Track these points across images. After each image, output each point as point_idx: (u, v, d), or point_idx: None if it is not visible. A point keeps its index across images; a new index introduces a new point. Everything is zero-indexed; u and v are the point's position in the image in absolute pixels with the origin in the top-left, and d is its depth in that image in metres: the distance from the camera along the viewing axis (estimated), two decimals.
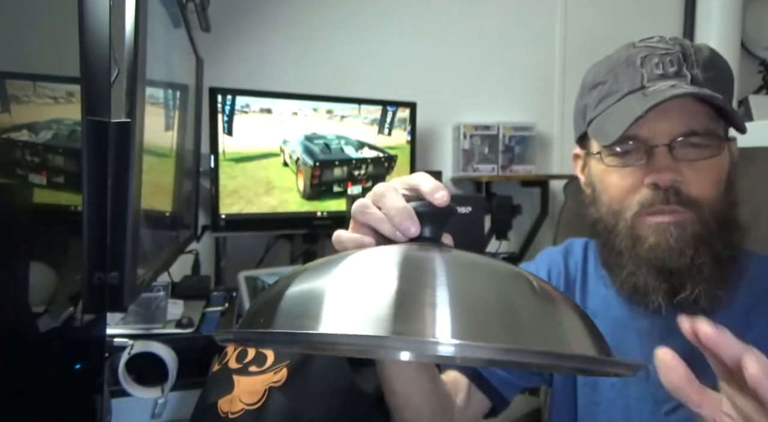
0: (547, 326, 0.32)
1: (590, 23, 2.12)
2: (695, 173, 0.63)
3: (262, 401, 0.91)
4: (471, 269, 0.36)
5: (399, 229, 0.42)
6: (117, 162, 0.58)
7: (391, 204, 0.43)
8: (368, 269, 0.34)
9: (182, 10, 1.14)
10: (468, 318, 0.30)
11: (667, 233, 0.63)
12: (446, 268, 0.33)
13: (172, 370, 1.07)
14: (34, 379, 0.61)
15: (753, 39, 2.31)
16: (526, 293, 0.35)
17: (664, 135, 0.63)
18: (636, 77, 0.65)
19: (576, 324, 0.35)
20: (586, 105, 0.71)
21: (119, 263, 0.58)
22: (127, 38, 0.61)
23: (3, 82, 0.53)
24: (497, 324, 0.31)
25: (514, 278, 0.36)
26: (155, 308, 1.19)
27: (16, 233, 0.56)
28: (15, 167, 0.57)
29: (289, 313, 0.33)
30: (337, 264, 0.35)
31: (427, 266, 0.33)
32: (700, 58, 0.65)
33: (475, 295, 0.32)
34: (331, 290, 0.32)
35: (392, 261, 0.34)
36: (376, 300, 0.30)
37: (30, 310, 0.59)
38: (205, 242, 1.68)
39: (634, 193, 0.65)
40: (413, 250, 0.38)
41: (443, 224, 0.43)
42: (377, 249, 0.40)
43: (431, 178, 0.44)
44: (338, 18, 1.89)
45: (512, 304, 0.33)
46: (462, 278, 0.33)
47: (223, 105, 1.53)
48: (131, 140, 0.59)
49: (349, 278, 0.34)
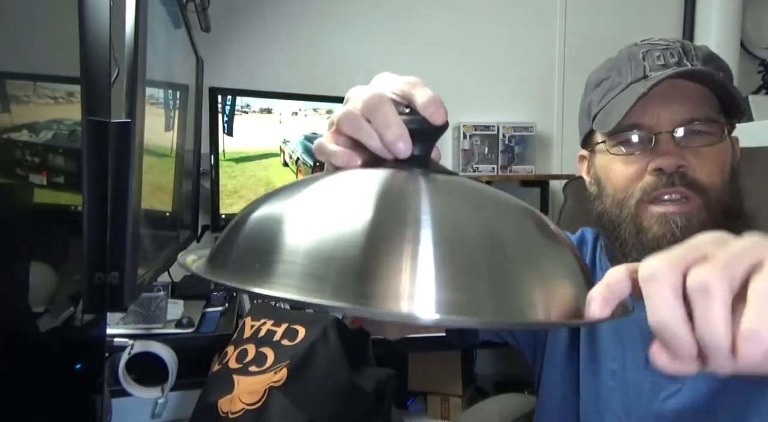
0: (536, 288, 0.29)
1: (590, 23, 2.11)
2: (699, 159, 0.63)
3: (262, 401, 0.91)
4: (460, 208, 0.32)
5: (389, 148, 0.37)
6: (117, 162, 0.58)
7: (383, 119, 0.38)
8: (341, 206, 0.31)
9: (182, 10, 1.14)
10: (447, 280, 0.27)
11: (672, 224, 0.63)
12: (431, 209, 0.29)
13: (172, 370, 1.07)
14: (34, 379, 0.61)
15: (753, 39, 2.31)
16: (522, 241, 0.31)
17: (666, 122, 0.64)
18: (638, 69, 0.66)
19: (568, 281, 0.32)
20: (591, 102, 0.72)
21: (119, 263, 0.58)
22: (127, 38, 0.61)
23: (3, 82, 0.53)
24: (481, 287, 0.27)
25: (512, 218, 0.33)
26: (155, 308, 1.19)
27: (16, 233, 0.56)
28: (15, 167, 0.57)
29: (253, 249, 0.30)
30: (309, 195, 0.32)
31: (410, 213, 0.29)
32: (700, 54, 0.66)
33: (458, 251, 0.28)
34: (295, 232, 0.29)
35: (373, 197, 0.30)
36: (343, 251, 0.27)
37: (30, 310, 0.59)
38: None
39: (638, 180, 0.65)
40: (400, 180, 0.34)
41: (435, 141, 0.39)
42: (359, 176, 0.36)
43: (426, 88, 0.39)
44: (338, 18, 1.89)
45: (502, 256, 0.29)
46: (447, 226, 0.29)
47: (223, 105, 1.53)
48: (131, 140, 0.59)
49: (317, 218, 0.30)
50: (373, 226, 0.28)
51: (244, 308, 1.44)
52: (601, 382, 0.73)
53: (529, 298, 0.29)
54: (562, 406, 0.78)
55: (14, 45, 0.55)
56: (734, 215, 0.65)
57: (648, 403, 0.68)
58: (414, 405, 1.75)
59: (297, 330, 1.02)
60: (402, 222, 0.28)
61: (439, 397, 1.72)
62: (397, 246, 0.27)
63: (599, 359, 0.74)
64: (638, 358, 0.70)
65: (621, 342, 0.72)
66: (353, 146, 0.40)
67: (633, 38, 0.71)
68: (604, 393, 0.73)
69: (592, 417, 0.74)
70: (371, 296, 0.26)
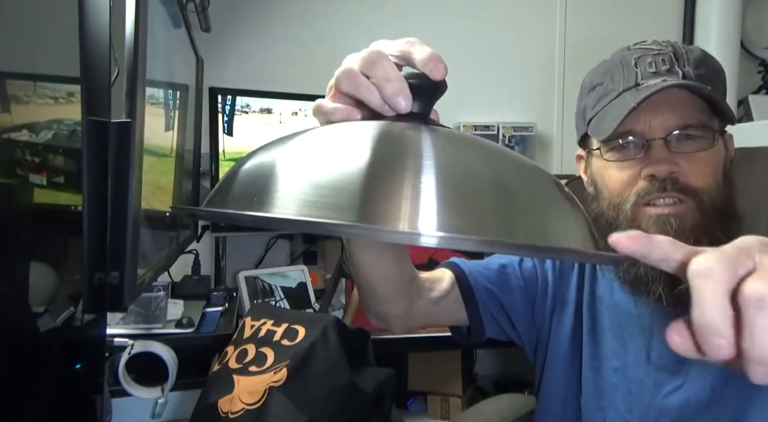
0: (537, 216, 0.29)
1: (590, 23, 2.11)
2: (691, 164, 0.65)
3: (262, 401, 0.91)
4: (462, 150, 0.32)
5: (389, 102, 0.37)
6: (117, 162, 0.58)
7: (382, 74, 0.37)
8: (340, 144, 0.31)
9: (182, 10, 1.14)
10: (448, 202, 0.26)
11: (667, 225, 0.64)
12: (433, 148, 0.29)
13: (172, 370, 1.07)
14: (34, 379, 0.61)
15: (753, 39, 2.31)
16: (519, 180, 0.31)
17: (659, 129, 0.65)
18: (631, 76, 0.67)
19: (566, 216, 0.32)
20: (585, 106, 0.74)
21: (119, 263, 0.58)
22: (127, 38, 0.61)
23: (3, 82, 0.53)
24: (485, 213, 0.27)
25: (510, 163, 0.33)
26: (155, 308, 1.19)
27: (16, 233, 0.56)
28: (15, 167, 0.57)
29: (250, 185, 0.30)
30: (306, 138, 0.32)
31: (411, 146, 0.29)
32: (692, 57, 0.67)
33: (461, 179, 0.28)
34: (293, 167, 0.29)
35: (373, 137, 0.31)
36: (343, 178, 0.27)
37: (30, 310, 0.59)
38: (205, 242, 1.67)
39: (632, 185, 0.67)
40: (400, 127, 0.34)
41: (434, 99, 0.39)
42: (359, 123, 0.36)
43: (425, 46, 0.39)
44: (338, 18, 1.89)
45: (501, 190, 0.29)
46: (449, 160, 0.29)
47: (223, 105, 1.53)
48: (131, 140, 0.59)
49: (315, 154, 0.30)
50: (374, 157, 0.28)
51: (244, 309, 1.44)
52: (603, 379, 0.74)
53: (534, 225, 0.29)
54: (564, 403, 0.78)
55: (14, 45, 0.55)
56: (727, 215, 0.67)
57: (650, 399, 0.69)
58: (414, 405, 1.75)
59: (297, 330, 1.02)
60: (403, 154, 0.29)
61: (439, 397, 1.72)
62: (399, 173, 0.27)
63: (601, 356, 0.74)
64: (640, 355, 0.70)
65: (623, 340, 0.73)
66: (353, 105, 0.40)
67: (633, 38, 0.71)
68: (607, 389, 0.73)
69: (594, 413, 0.74)
70: (372, 218, 0.26)
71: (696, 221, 0.64)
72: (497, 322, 0.82)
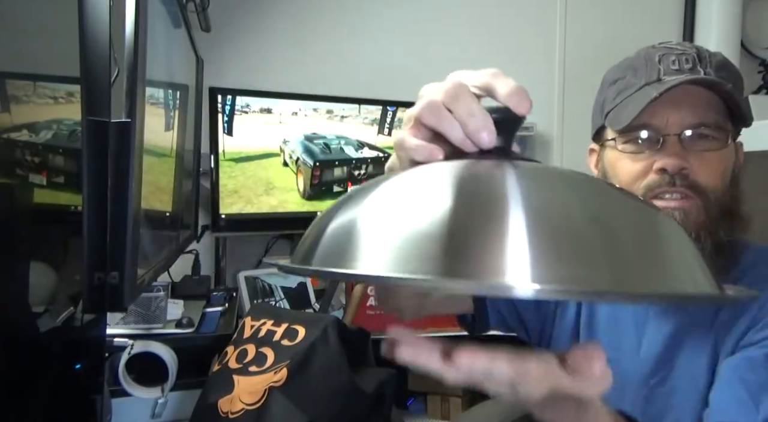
0: (652, 258, 0.27)
1: (590, 24, 2.11)
2: (702, 163, 0.66)
3: (262, 401, 0.91)
4: (554, 187, 0.30)
5: (472, 138, 0.36)
6: (117, 162, 0.58)
7: (466, 109, 0.37)
8: (425, 191, 0.30)
9: (182, 10, 1.14)
10: (546, 249, 0.25)
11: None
12: (526, 190, 0.27)
13: (172, 370, 1.07)
14: (34, 379, 0.61)
15: (753, 39, 2.31)
16: (625, 218, 0.29)
17: (675, 125, 0.66)
18: (653, 72, 0.69)
19: (682, 254, 0.29)
20: (605, 99, 0.75)
21: (119, 263, 0.58)
22: (127, 38, 0.61)
23: (3, 82, 0.53)
24: (592, 258, 0.25)
25: (609, 198, 0.31)
26: (155, 308, 1.19)
27: (16, 233, 0.56)
28: (15, 167, 0.57)
29: (335, 244, 0.29)
30: (391, 186, 0.31)
31: (501, 190, 0.28)
32: (714, 60, 0.69)
33: (558, 222, 0.26)
34: (380, 218, 0.28)
35: (459, 183, 0.29)
36: (431, 229, 0.26)
37: (30, 310, 0.59)
38: (205, 242, 1.67)
39: (643, 178, 0.68)
40: (485, 167, 0.32)
41: (515, 133, 0.37)
42: (442, 166, 0.34)
43: (509, 78, 0.38)
44: (338, 18, 1.89)
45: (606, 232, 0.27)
46: (542, 200, 0.27)
47: (223, 105, 1.53)
48: (131, 140, 0.59)
49: (402, 204, 0.29)
50: (460, 204, 0.27)
51: (244, 309, 1.44)
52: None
53: (650, 269, 0.27)
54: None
55: (14, 45, 0.55)
56: (732, 216, 0.68)
57: (639, 387, 0.72)
58: (414, 405, 1.75)
59: (297, 330, 1.02)
60: (490, 199, 0.27)
61: (439, 397, 1.72)
62: (497, 223, 0.26)
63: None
64: (633, 346, 0.73)
65: (618, 332, 0.75)
66: (434, 140, 0.39)
67: (633, 38, 0.72)
68: None
69: None
70: (462, 270, 0.25)
71: (700, 218, 0.65)
72: (501, 314, 0.85)
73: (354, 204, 0.31)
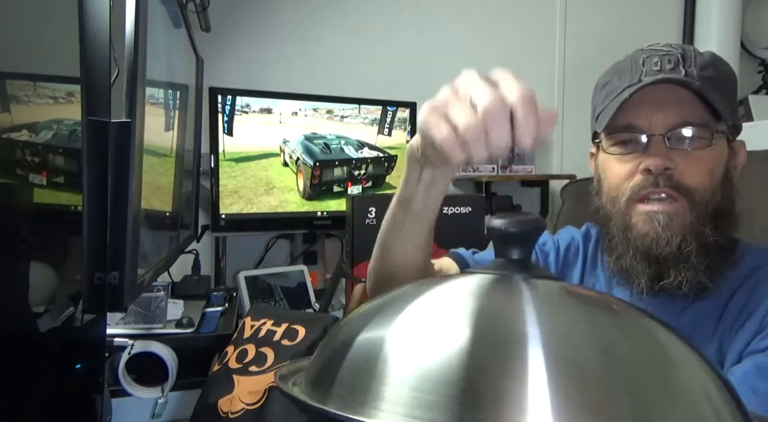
0: (681, 403, 0.26)
1: (590, 24, 2.11)
2: (687, 162, 0.66)
3: (262, 401, 0.91)
4: (571, 317, 0.30)
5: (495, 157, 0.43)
6: (117, 162, 0.58)
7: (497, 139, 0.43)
8: (442, 328, 0.29)
9: (182, 10, 1.14)
10: (566, 400, 0.24)
11: (655, 222, 0.66)
12: (540, 322, 0.27)
13: (172, 370, 1.07)
14: (34, 379, 0.61)
15: (753, 39, 2.31)
16: (647, 361, 0.28)
17: (659, 126, 0.67)
18: (636, 74, 0.69)
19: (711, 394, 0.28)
20: (596, 104, 0.76)
21: (119, 263, 0.58)
22: (127, 38, 0.61)
23: (3, 82, 0.53)
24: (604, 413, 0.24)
25: (630, 331, 0.30)
26: (155, 308, 1.19)
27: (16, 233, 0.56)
28: (15, 167, 0.57)
29: (351, 381, 0.29)
30: (407, 315, 0.31)
31: (518, 327, 0.27)
32: (699, 60, 0.68)
33: (576, 366, 0.25)
34: (398, 358, 0.28)
35: (473, 313, 0.29)
36: (448, 376, 0.25)
37: (30, 310, 0.59)
38: (205, 242, 1.67)
39: (629, 179, 0.69)
40: (502, 291, 0.32)
41: (534, 244, 0.37)
42: (456, 289, 0.34)
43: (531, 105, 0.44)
44: (338, 18, 1.89)
45: (623, 377, 0.26)
46: (559, 341, 0.26)
47: (223, 105, 1.53)
48: (131, 140, 0.59)
49: (419, 342, 0.29)
50: (478, 347, 0.26)
51: (244, 309, 1.44)
52: None
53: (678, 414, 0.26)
54: None
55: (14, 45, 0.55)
56: (722, 216, 0.68)
57: None
58: None
59: (297, 330, 1.02)
60: (508, 341, 0.27)
61: None
62: (505, 367, 0.25)
63: None
64: None
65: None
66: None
67: (633, 39, 0.72)
68: None
69: None
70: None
71: (685, 220, 0.66)
72: None
73: (373, 332, 0.31)
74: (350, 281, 1.47)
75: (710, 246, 0.66)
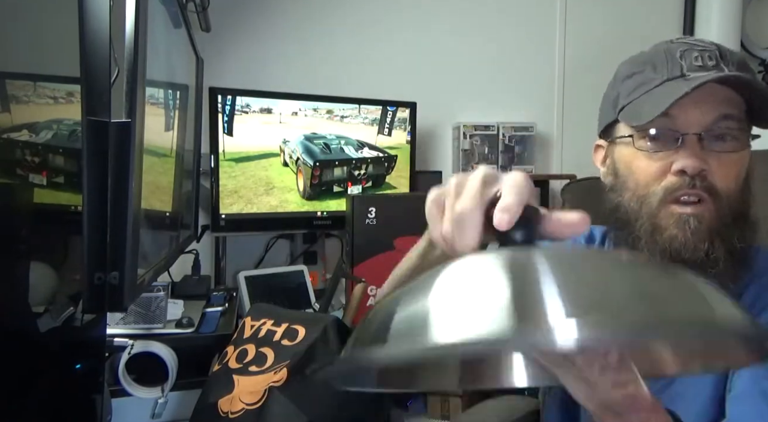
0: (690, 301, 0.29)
1: (590, 23, 2.11)
2: (720, 165, 0.64)
3: (262, 401, 0.91)
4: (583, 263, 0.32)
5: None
6: (117, 162, 0.58)
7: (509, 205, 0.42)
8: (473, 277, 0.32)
9: (182, 10, 1.15)
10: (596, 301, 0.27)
11: (686, 226, 0.64)
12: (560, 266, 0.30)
13: (172, 370, 1.07)
14: (34, 379, 0.61)
15: (753, 39, 2.31)
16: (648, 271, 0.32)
17: (695, 124, 0.64)
18: (675, 67, 0.66)
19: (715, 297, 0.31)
20: (619, 94, 0.72)
21: (119, 263, 0.58)
22: (127, 38, 0.61)
23: (3, 82, 0.53)
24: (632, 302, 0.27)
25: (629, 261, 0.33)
26: (155, 308, 1.19)
27: (16, 233, 0.56)
28: (15, 167, 0.57)
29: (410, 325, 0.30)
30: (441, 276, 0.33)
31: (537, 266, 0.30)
32: (735, 59, 0.67)
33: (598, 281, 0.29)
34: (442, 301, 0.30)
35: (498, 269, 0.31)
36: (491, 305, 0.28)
37: (30, 310, 0.59)
38: (205, 242, 1.67)
39: (661, 179, 0.66)
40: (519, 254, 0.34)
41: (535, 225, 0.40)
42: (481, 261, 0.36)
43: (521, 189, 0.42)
44: (338, 18, 1.89)
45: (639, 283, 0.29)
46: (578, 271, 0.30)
47: (223, 105, 1.53)
48: (131, 140, 0.59)
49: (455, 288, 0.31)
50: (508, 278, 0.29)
51: (244, 309, 1.44)
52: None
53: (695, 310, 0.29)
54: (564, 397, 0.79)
55: (14, 45, 0.55)
56: (743, 220, 0.66)
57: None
58: (414, 405, 1.75)
59: (297, 330, 1.02)
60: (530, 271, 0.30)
61: (439, 397, 1.72)
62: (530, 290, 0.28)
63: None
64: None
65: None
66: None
67: (633, 38, 0.71)
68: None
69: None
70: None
71: (712, 223, 0.64)
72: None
73: (414, 294, 0.32)
74: (350, 281, 1.47)
75: (736, 252, 0.65)
